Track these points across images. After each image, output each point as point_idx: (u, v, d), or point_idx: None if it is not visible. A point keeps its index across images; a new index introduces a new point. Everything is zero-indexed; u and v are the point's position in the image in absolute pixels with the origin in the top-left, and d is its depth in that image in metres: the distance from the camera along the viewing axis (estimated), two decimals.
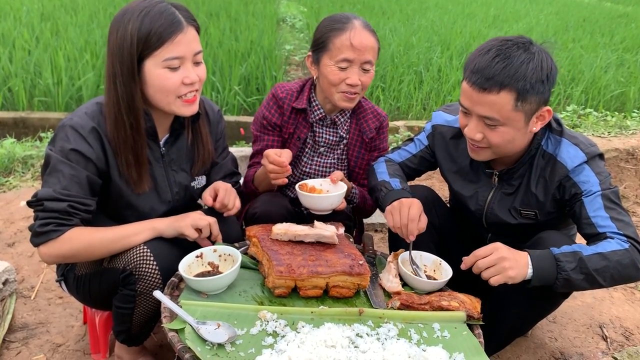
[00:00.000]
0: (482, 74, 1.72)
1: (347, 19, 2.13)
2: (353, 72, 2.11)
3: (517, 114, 1.75)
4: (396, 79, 6.01)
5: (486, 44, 1.79)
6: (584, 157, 1.86)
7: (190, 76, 1.71)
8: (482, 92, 1.73)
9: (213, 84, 5.49)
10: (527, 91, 1.71)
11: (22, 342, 2.21)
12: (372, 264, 2.00)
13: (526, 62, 1.71)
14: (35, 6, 7.73)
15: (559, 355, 2.38)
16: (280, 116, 2.30)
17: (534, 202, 1.97)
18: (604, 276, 1.72)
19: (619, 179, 4.25)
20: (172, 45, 1.65)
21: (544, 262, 1.73)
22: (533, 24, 9.83)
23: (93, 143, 1.70)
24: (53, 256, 1.67)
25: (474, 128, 1.82)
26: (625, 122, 5.03)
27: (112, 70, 1.68)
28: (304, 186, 2.09)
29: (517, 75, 1.70)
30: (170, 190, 1.91)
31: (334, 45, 2.10)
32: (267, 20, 8.29)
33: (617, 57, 7.47)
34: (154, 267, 1.68)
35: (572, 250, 1.74)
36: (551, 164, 1.91)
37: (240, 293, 1.71)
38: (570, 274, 1.71)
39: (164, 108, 1.75)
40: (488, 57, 1.73)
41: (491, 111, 1.75)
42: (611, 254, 1.72)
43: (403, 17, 9.50)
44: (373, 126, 2.36)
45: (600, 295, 2.87)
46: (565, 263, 1.71)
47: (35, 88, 5.17)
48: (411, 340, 1.60)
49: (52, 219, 1.63)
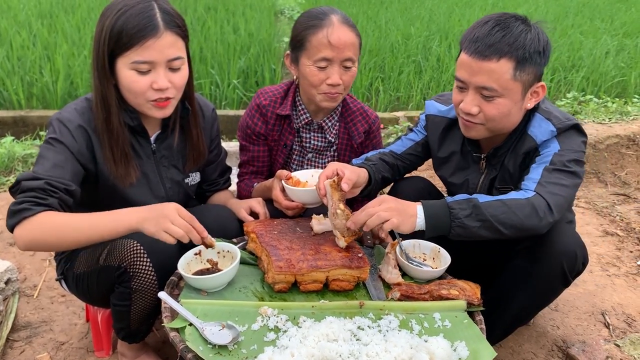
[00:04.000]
0: (482, 42, 1.74)
1: (323, 15, 2.04)
2: (333, 72, 2.04)
3: (515, 84, 1.77)
4: (396, 70, 5.99)
5: (483, 18, 1.83)
6: (554, 131, 1.86)
7: (159, 82, 1.68)
8: (482, 60, 1.75)
9: (212, 77, 5.48)
10: (525, 60, 1.74)
11: (26, 341, 2.22)
12: (371, 254, 2.00)
13: (524, 32, 1.76)
14: (33, 4, 7.71)
15: (562, 343, 2.38)
16: (264, 124, 2.24)
17: (509, 177, 1.98)
18: (503, 223, 1.72)
19: (620, 165, 4.24)
20: (141, 49, 1.63)
21: (437, 210, 1.75)
22: (532, 10, 9.76)
23: (78, 138, 1.71)
24: (26, 240, 1.56)
25: (470, 101, 1.82)
26: (626, 108, 5.00)
27: (91, 64, 1.71)
28: (291, 179, 2.04)
29: (516, 44, 1.73)
30: (162, 185, 1.92)
31: (311, 44, 2.03)
32: (264, 12, 8.26)
33: (617, 42, 7.42)
34: (148, 264, 1.67)
35: (467, 198, 1.76)
36: (522, 139, 1.92)
37: (241, 289, 1.71)
38: (464, 220, 1.72)
39: (136, 108, 1.77)
40: (487, 27, 1.77)
41: (490, 80, 1.76)
42: (511, 201, 1.73)
43: (401, 6, 9.44)
44: (362, 130, 2.30)
45: (603, 282, 2.87)
46: (459, 210, 1.73)
47: (33, 86, 5.17)
48: (412, 331, 1.61)
49: (28, 197, 1.58)
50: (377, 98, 5.58)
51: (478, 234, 1.75)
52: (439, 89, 5.75)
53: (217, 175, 2.20)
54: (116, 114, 1.74)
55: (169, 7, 1.71)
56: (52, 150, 1.68)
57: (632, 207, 3.78)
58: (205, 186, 2.18)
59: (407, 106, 5.66)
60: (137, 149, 1.85)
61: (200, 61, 5.69)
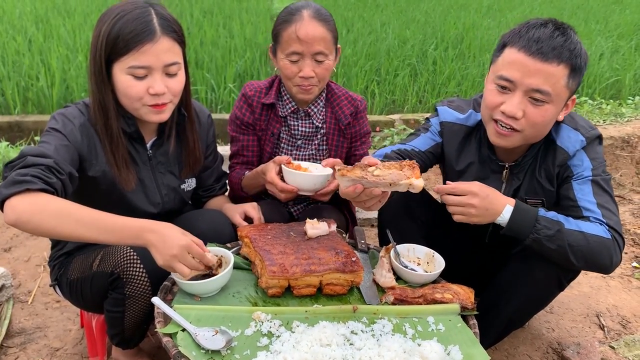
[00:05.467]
0: (545, 44, 1.71)
1: (296, 10, 2.12)
2: (305, 65, 2.11)
3: (565, 92, 1.76)
4: (391, 72, 6.00)
5: (535, 20, 1.80)
6: (583, 141, 1.86)
7: (155, 87, 1.68)
8: (543, 62, 1.71)
9: (208, 81, 5.49)
10: (579, 69, 1.74)
11: (20, 347, 2.22)
12: (365, 259, 2.00)
13: (579, 42, 1.75)
14: (28, 8, 7.70)
15: (557, 345, 2.38)
16: (251, 114, 2.30)
17: (540, 190, 1.96)
18: (576, 255, 1.73)
19: (614, 167, 4.25)
20: (138, 54, 1.63)
21: (524, 218, 1.75)
22: (527, 12, 9.79)
23: (81, 136, 1.72)
24: (20, 213, 1.44)
25: (517, 104, 1.76)
26: (621, 110, 5.02)
27: (88, 69, 1.71)
28: (291, 164, 2.05)
29: (575, 52, 1.73)
30: (159, 192, 1.92)
31: (283, 39, 2.11)
32: (260, 16, 8.25)
33: (611, 44, 7.44)
34: (141, 271, 1.68)
35: (556, 219, 1.76)
36: (552, 150, 1.90)
37: (234, 294, 1.71)
38: (542, 240, 1.73)
39: (133, 113, 1.77)
40: (547, 30, 1.74)
41: (546, 83, 1.72)
42: (593, 237, 1.73)
43: (397, 9, 9.46)
44: (348, 112, 2.35)
45: (597, 284, 2.88)
46: (543, 228, 1.73)
47: (28, 91, 5.16)
48: (406, 335, 1.61)
49: (35, 171, 1.49)
50: (373, 101, 5.58)
51: (548, 255, 1.77)
52: (434, 92, 5.76)
53: (213, 181, 2.21)
54: (115, 119, 1.74)
55: (166, 13, 1.71)
56: (54, 136, 1.66)
57: (627, 209, 3.79)
58: (201, 192, 2.19)
59: (402, 109, 5.67)
60: (133, 155, 1.85)
61: (196, 65, 5.69)
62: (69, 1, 8.24)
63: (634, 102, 5.49)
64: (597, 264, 1.75)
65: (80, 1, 8.34)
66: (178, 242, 1.52)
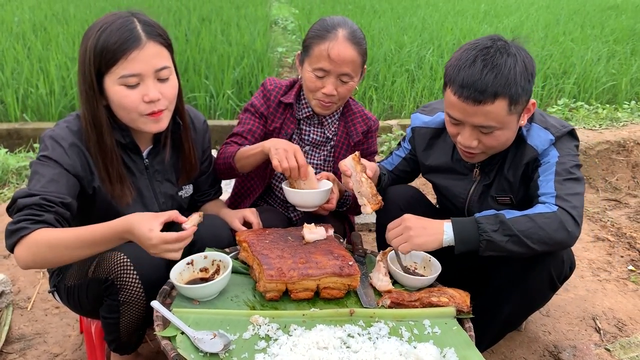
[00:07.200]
0: (474, 88, 1.71)
1: (332, 27, 2.10)
2: (329, 82, 2.12)
3: (511, 117, 1.78)
4: (389, 78, 6.03)
5: (466, 54, 1.77)
6: (552, 139, 1.89)
7: (149, 94, 1.67)
8: (477, 105, 1.73)
9: (207, 88, 5.51)
10: (519, 95, 1.73)
11: (20, 353, 2.23)
12: (362, 262, 2.02)
13: (513, 67, 1.72)
14: (27, 16, 7.74)
15: (553, 348, 2.40)
16: (267, 107, 2.31)
17: (508, 187, 2.00)
18: (531, 238, 1.75)
19: (610, 171, 4.28)
20: (126, 62, 1.63)
21: (466, 226, 1.79)
22: (523, 18, 9.85)
23: (72, 157, 1.70)
24: (26, 259, 1.55)
25: (469, 137, 1.83)
26: (616, 114, 5.05)
27: (79, 86, 1.71)
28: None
29: (508, 83, 1.71)
30: (156, 200, 1.93)
31: (313, 53, 2.11)
32: (259, 23, 8.30)
33: (607, 49, 7.49)
34: (135, 277, 1.68)
35: (494, 214, 1.80)
36: (522, 148, 1.94)
37: (232, 298, 1.73)
38: (491, 235, 1.75)
39: (130, 125, 1.75)
40: (475, 69, 1.72)
41: (487, 120, 1.76)
42: (537, 216, 1.76)
43: (394, 15, 9.52)
44: (360, 130, 2.37)
45: (593, 287, 2.90)
46: (486, 224, 1.76)
47: (28, 98, 5.18)
48: (402, 338, 1.63)
49: (24, 215, 1.56)
50: (371, 107, 5.61)
51: (507, 249, 1.77)
52: (432, 98, 5.79)
53: (208, 186, 2.23)
54: (108, 133, 1.73)
55: (148, 19, 1.71)
56: (45, 166, 1.66)
57: (622, 213, 3.81)
58: (196, 197, 2.20)
59: (400, 114, 5.70)
60: (130, 166, 1.85)
61: (194, 72, 5.72)
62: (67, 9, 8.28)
63: (630, 106, 5.53)
64: (556, 240, 1.76)
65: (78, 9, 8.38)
66: (149, 243, 1.51)
